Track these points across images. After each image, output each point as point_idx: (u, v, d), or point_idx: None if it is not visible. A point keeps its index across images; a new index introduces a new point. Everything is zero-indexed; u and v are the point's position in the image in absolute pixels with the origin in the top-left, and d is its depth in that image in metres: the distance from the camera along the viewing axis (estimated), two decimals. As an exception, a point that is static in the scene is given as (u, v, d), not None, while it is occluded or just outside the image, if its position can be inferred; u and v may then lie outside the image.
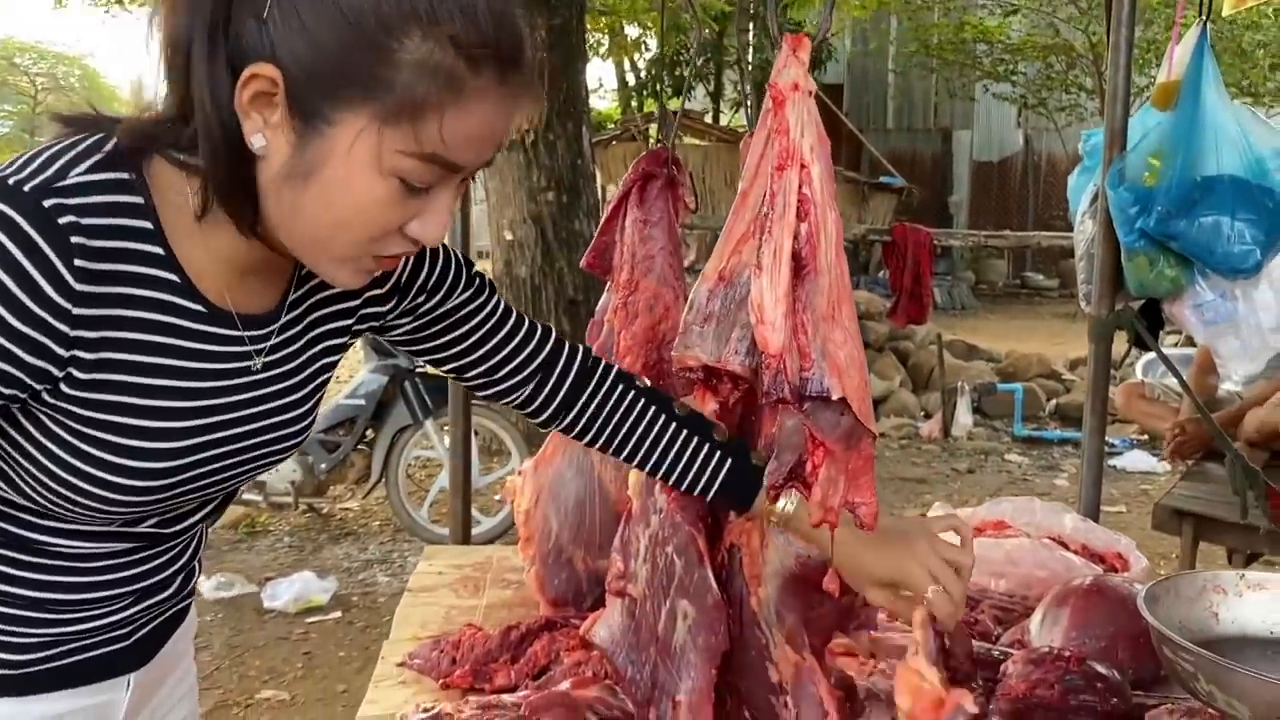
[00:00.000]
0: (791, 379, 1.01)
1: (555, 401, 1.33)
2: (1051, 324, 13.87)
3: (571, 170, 6.15)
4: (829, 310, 1.04)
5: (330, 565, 5.05)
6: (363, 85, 0.87)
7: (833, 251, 1.05)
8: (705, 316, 1.05)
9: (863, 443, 1.09)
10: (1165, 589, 1.19)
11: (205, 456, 1.04)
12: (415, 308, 1.23)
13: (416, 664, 1.79)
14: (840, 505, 1.11)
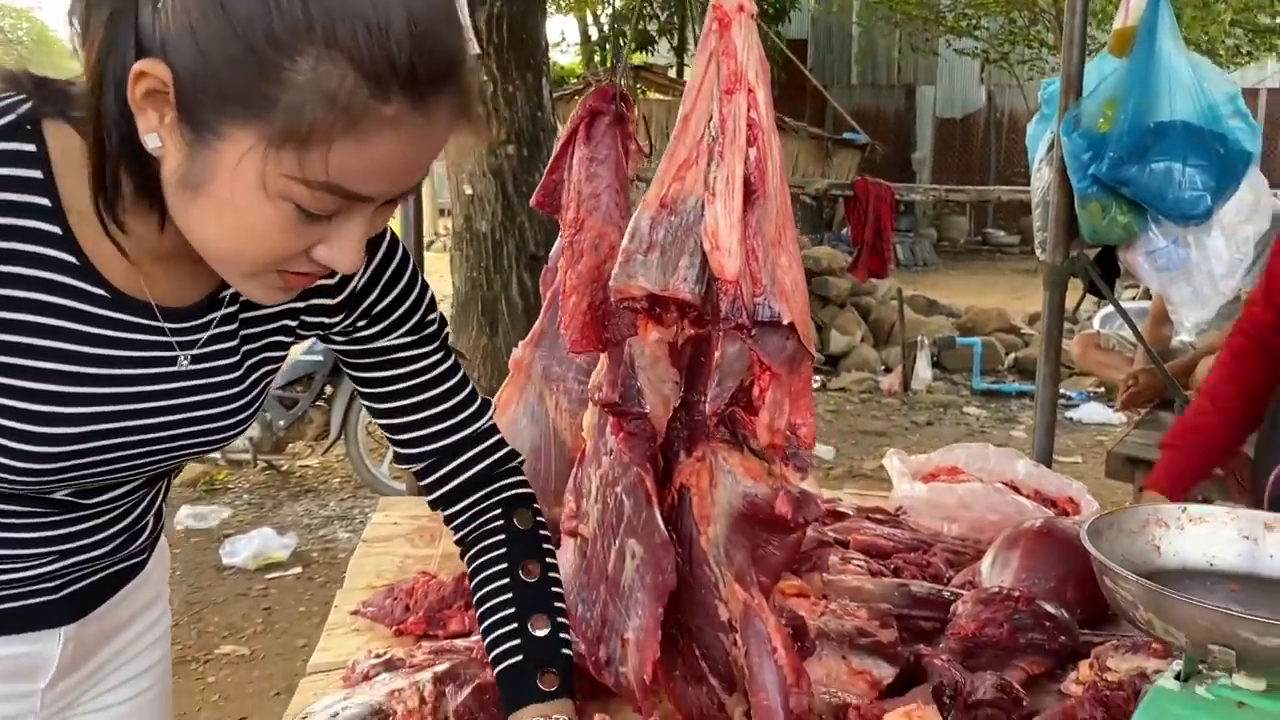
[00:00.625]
0: (747, 305, 1.01)
1: (440, 490, 1.25)
2: (1012, 279, 13.98)
3: (532, 123, 6.07)
4: (776, 235, 1.03)
5: (290, 522, 5.02)
6: (248, 103, 0.79)
7: (778, 176, 1.04)
8: (649, 245, 1.03)
9: (804, 365, 1.10)
10: (1108, 523, 1.20)
11: (113, 444, 1.00)
12: (352, 329, 1.15)
13: (370, 612, 1.78)
14: (785, 427, 1.11)
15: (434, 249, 14.24)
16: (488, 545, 1.24)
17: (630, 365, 1.42)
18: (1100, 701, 1.38)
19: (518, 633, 1.20)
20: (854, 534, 2.08)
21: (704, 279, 1.02)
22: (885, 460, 2.43)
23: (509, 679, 1.19)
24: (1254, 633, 0.96)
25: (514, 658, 1.19)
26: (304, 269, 0.91)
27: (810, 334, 1.09)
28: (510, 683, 1.19)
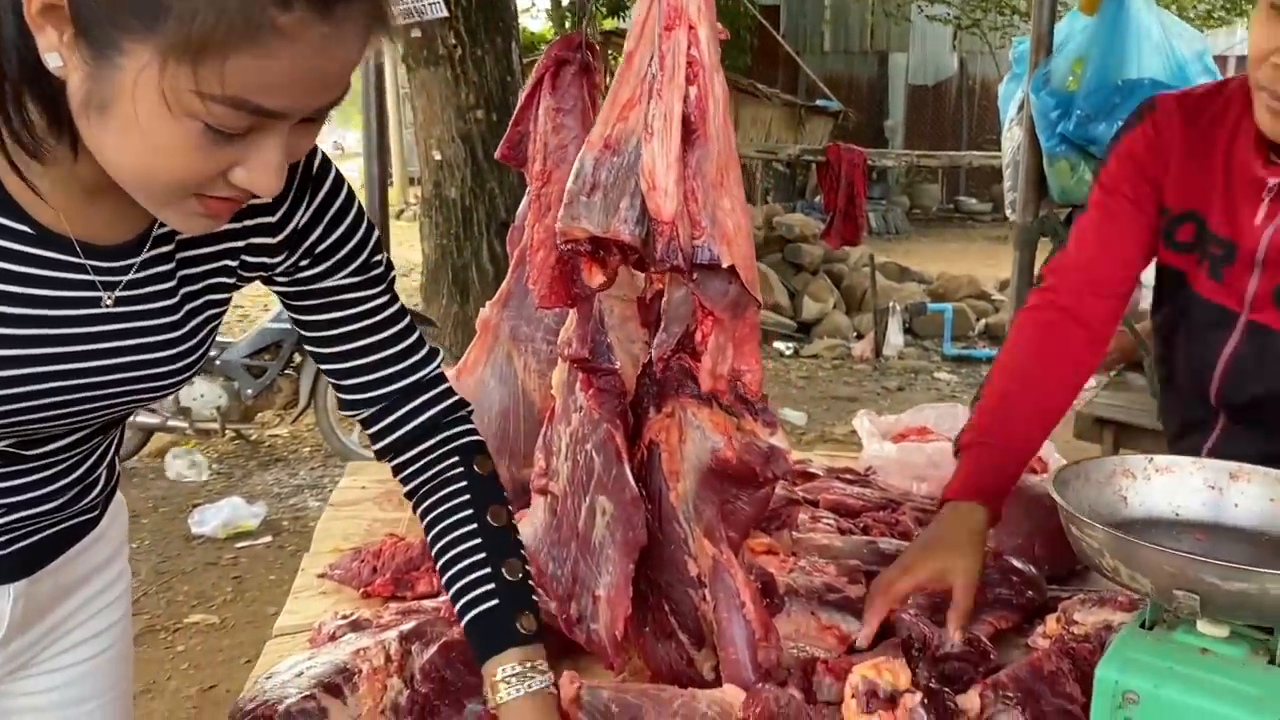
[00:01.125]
0: (684, 246, 0.99)
1: (390, 438, 1.20)
2: (983, 246, 14.05)
3: (501, 88, 6.00)
4: (718, 177, 1.01)
5: (260, 491, 4.99)
6: (140, 13, 0.75)
7: (720, 116, 1.02)
8: (592, 186, 1.01)
9: (748, 311, 1.08)
10: (1075, 473, 1.20)
11: (43, 388, 0.96)
12: (295, 269, 1.10)
13: (337, 574, 1.77)
14: (728, 373, 1.10)
15: (405, 218, 14.13)
16: (449, 493, 1.20)
17: (600, 321, 1.40)
18: (1067, 653, 1.39)
19: (491, 577, 1.16)
20: (823, 493, 2.08)
21: (645, 220, 0.99)
22: (855, 421, 2.43)
23: (484, 624, 1.15)
24: (1218, 578, 0.96)
25: (488, 602, 1.15)
26: (223, 193, 0.86)
27: (754, 278, 1.07)
28: (486, 628, 1.15)
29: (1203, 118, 1.46)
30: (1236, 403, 1.48)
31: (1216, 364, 1.48)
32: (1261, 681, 0.99)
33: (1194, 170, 1.46)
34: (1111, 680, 1.03)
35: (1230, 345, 1.46)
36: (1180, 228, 1.49)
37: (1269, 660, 1.02)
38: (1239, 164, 1.41)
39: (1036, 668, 1.37)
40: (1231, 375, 1.47)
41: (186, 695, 3.30)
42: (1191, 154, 1.46)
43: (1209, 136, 1.45)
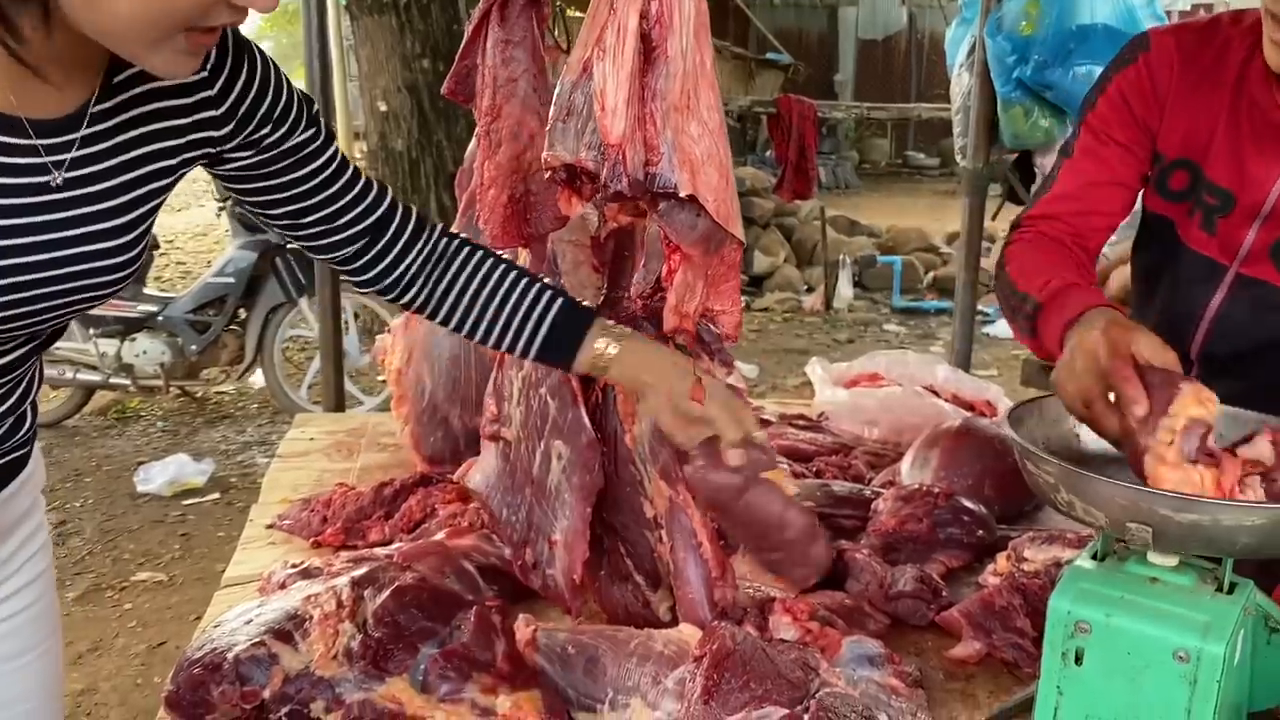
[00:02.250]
0: (632, 172, 0.95)
1: (385, 260, 1.24)
2: (931, 200, 14.13)
3: (448, 36, 5.88)
4: (683, 100, 0.97)
5: (207, 448, 4.91)
6: None
7: (689, 35, 0.97)
8: (567, 111, 0.97)
9: (725, 248, 1.05)
10: (1030, 410, 1.20)
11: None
12: (258, 140, 1.11)
13: (286, 524, 1.74)
14: (697, 312, 1.07)
15: (350, 172, 13.85)
16: (463, 257, 1.24)
17: (554, 261, 1.38)
18: (1018, 590, 1.40)
19: (546, 286, 1.23)
20: (777, 439, 2.09)
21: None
22: (807, 368, 2.43)
23: (567, 317, 1.22)
24: (1170, 509, 0.97)
25: (560, 300, 1.22)
26: (221, 20, 0.89)
27: (731, 213, 1.03)
28: (569, 319, 1.22)
29: (1205, 54, 1.37)
30: (1217, 356, 1.43)
31: (1199, 318, 1.43)
32: (1209, 608, 1.00)
33: (1193, 115, 1.37)
34: (1064, 610, 1.04)
35: (1216, 299, 1.41)
36: (1173, 175, 1.41)
37: (1217, 588, 1.03)
38: (1250, 106, 1.33)
39: (988, 603, 1.39)
40: (1216, 329, 1.42)
41: (135, 653, 3.26)
42: (1191, 95, 1.38)
43: (1213, 75, 1.36)
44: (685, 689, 1.15)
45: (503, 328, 1.24)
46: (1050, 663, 1.06)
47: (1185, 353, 1.44)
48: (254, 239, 5.08)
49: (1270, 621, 1.09)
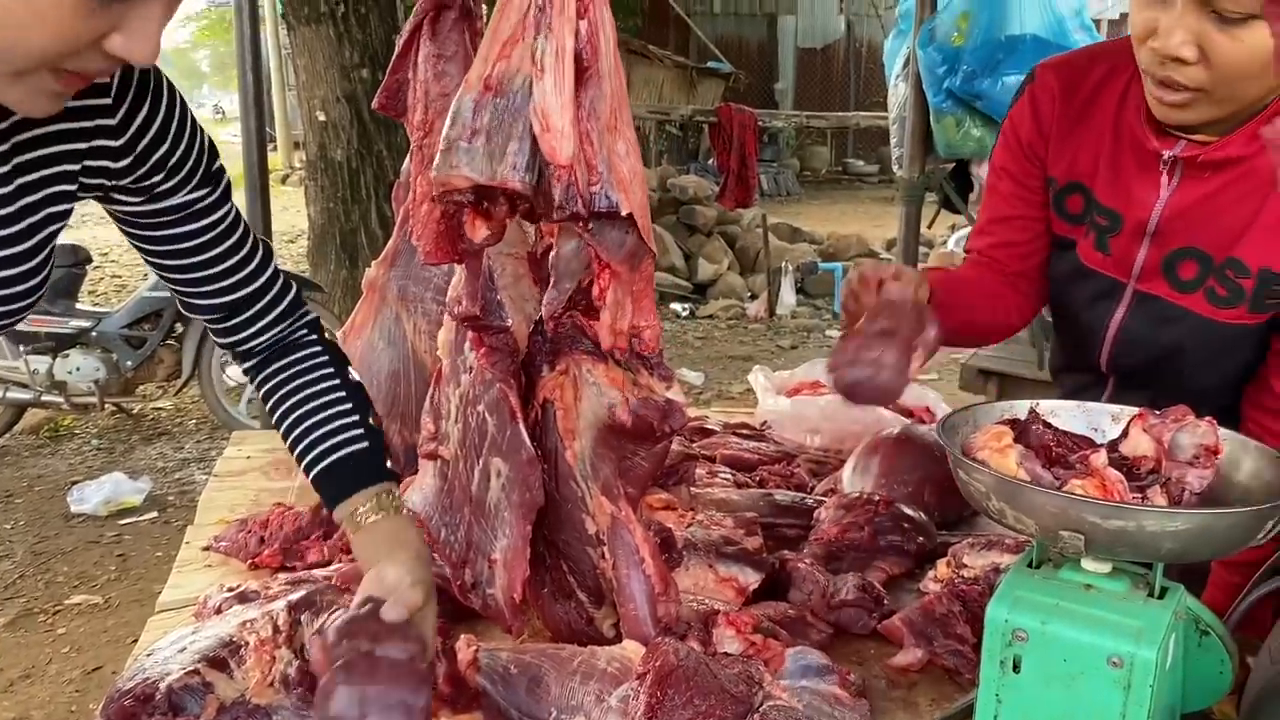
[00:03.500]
0: (583, 193, 0.95)
1: (242, 334, 1.24)
2: (870, 207, 14.30)
3: (387, 45, 5.82)
4: (611, 119, 0.97)
5: (144, 466, 4.81)
6: None
7: (612, 55, 0.97)
8: (473, 131, 0.95)
9: (644, 263, 1.05)
10: (963, 418, 1.21)
11: None
12: (150, 186, 1.08)
13: (223, 546, 1.71)
14: (628, 329, 1.07)
15: (290, 182, 13.71)
16: (306, 354, 1.25)
17: (490, 277, 1.37)
18: (957, 596, 1.42)
19: (360, 424, 1.22)
20: (720, 448, 2.09)
21: (535, 166, 0.94)
22: (750, 377, 2.45)
23: (354, 462, 1.20)
24: (1099, 516, 0.99)
25: (359, 444, 1.21)
26: (92, 66, 0.83)
27: (650, 228, 1.03)
28: (356, 465, 1.21)
29: (1084, 86, 1.44)
30: (1125, 368, 1.49)
31: (1105, 332, 1.48)
32: (1142, 614, 1.02)
33: (1078, 141, 1.43)
34: (1002, 619, 1.05)
35: (1118, 314, 1.46)
36: (1069, 198, 1.47)
37: (1148, 593, 1.05)
38: (1128, 134, 1.39)
39: (929, 611, 1.40)
40: (1120, 343, 1.48)
41: (69, 679, 3.18)
42: (1074, 124, 1.44)
43: (1094, 104, 1.43)
44: (629, 707, 1.15)
45: (296, 439, 1.23)
46: (989, 671, 1.08)
47: (1096, 364, 1.50)
48: (190, 252, 4.99)
49: (1200, 624, 1.12)
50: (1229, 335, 1.37)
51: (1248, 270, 1.32)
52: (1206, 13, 1.16)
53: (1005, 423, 1.13)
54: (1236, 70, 1.18)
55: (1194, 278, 1.37)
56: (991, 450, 1.05)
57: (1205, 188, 1.32)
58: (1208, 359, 1.41)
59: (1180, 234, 1.36)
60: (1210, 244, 1.34)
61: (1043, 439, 1.08)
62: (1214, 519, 1.01)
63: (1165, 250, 1.38)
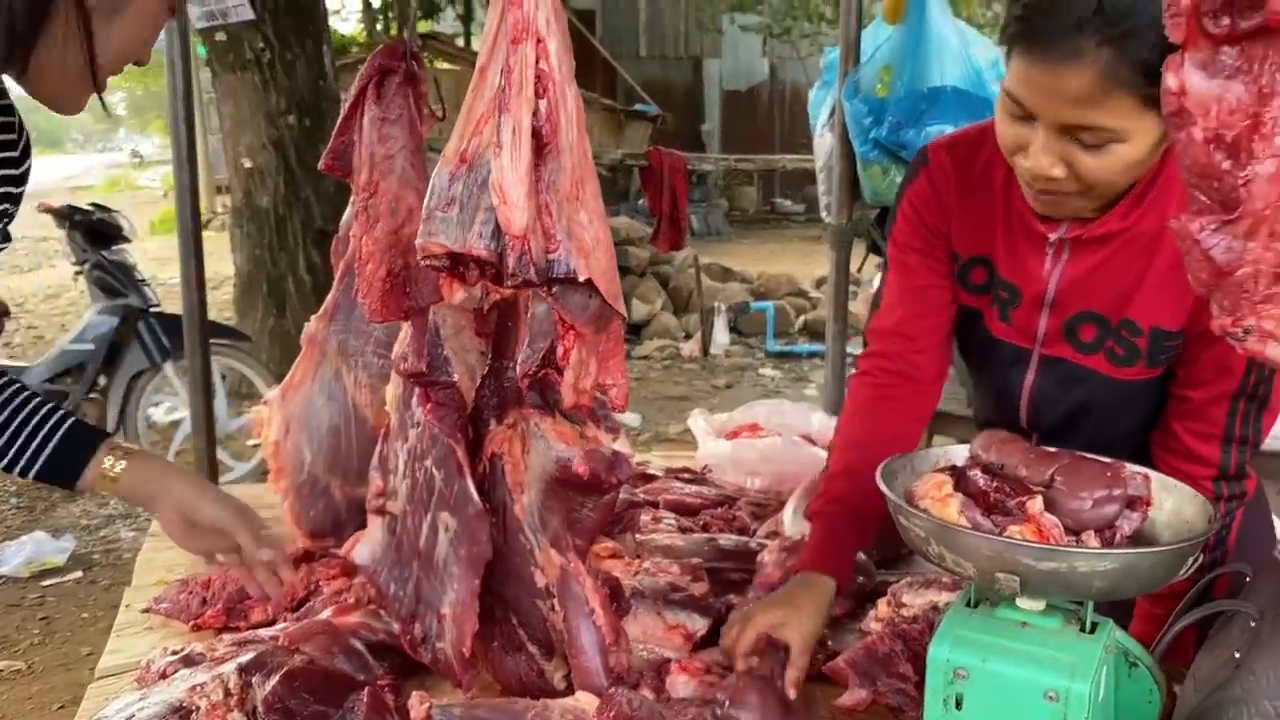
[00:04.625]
0: (537, 261, 0.98)
1: None
2: (799, 246, 14.52)
3: (314, 93, 5.82)
4: (573, 190, 1.02)
5: (67, 524, 4.67)
6: None
7: (574, 130, 1.02)
8: (448, 201, 1.00)
9: (612, 324, 1.09)
10: (901, 464, 1.26)
11: None
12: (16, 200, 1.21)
13: (163, 608, 1.68)
14: (593, 387, 1.10)
15: (213, 227, 13.50)
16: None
17: (436, 333, 1.39)
18: (899, 635, 1.46)
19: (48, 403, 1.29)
20: (663, 494, 2.12)
21: (500, 235, 0.99)
22: (690, 421, 2.48)
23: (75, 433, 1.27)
24: (1033, 559, 1.03)
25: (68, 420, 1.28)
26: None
27: (617, 292, 1.08)
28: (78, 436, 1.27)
29: (975, 164, 1.49)
30: (1043, 424, 1.55)
31: (1019, 395, 1.54)
32: (1075, 649, 1.07)
33: (975, 218, 1.48)
34: (943, 658, 1.09)
35: (1029, 378, 1.52)
36: (973, 271, 1.52)
37: (1080, 628, 1.10)
38: (1017, 215, 1.44)
39: (871, 651, 1.44)
40: (1034, 403, 1.53)
41: (-8, 749, 3.07)
42: (970, 202, 1.48)
43: (985, 183, 1.48)
44: (583, 758, 1.16)
45: (6, 444, 1.24)
46: (932, 708, 1.11)
47: (1016, 422, 1.57)
48: (114, 303, 4.90)
49: (1129, 656, 1.17)
50: (1133, 389, 1.44)
51: (1140, 330, 1.39)
52: (1069, 139, 1.22)
53: (944, 469, 1.18)
54: (1107, 180, 1.26)
55: (1094, 340, 1.43)
56: (933, 499, 1.09)
57: (1094, 258, 1.39)
58: (1116, 411, 1.48)
59: (1077, 301, 1.42)
60: (1105, 308, 1.40)
61: (980, 486, 1.12)
62: (1139, 558, 1.06)
63: (1065, 317, 1.44)
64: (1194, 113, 0.44)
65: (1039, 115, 1.22)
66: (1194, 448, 1.40)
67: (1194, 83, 0.44)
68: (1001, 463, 1.14)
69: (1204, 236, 0.44)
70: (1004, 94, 1.27)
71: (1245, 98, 0.43)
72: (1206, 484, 1.38)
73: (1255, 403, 1.37)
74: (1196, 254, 0.45)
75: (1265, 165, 0.43)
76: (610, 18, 19.57)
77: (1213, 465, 1.39)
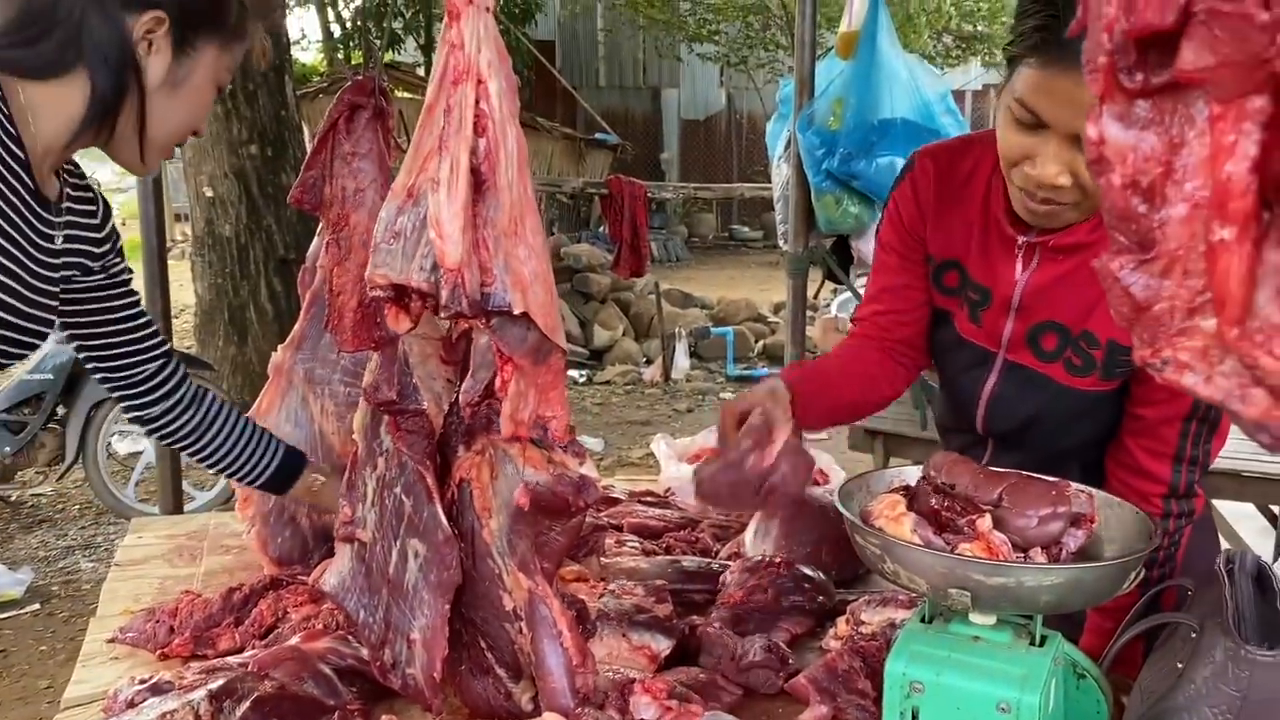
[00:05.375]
0: (471, 294, 1.02)
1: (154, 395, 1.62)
2: (757, 272, 14.66)
3: (276, 122, 5.82)
4: (511, 226, 1.05)
5: (24, 556, 4.61)
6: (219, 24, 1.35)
7: (514, 169, 1.06)
8: (394, 234, 1.04)
9: (552, 358, 1.12)
10: (858, 485, 1.30)
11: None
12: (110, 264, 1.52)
13: (129, 637, 1.68)
14: (530, 419, 1.13)
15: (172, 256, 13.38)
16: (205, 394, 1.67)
17: (405, 362, 1.41)
18: (857, 652, 1.50)
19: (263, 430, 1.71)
20: (627, 517, 2.15)
21: (438, 267, 1.04)
22: (653, 445, 2.51)
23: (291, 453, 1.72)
24: (983, 574, 1.08)
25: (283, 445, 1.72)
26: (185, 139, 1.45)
27: (556, 326, 1.12)
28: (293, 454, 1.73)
29: (957, 173, 1.57)
30: (999, 431, 1.62)
31: (979, 398, 1.60)
32: (1025, 661, 1.11)
33: (952, 222, 1.56)
34: (899, 672, 1.13)
35: (990, 381, 1.58)
36: (946, 274, 1.59)
37: (1030, 642, 1.14)
38: (993, 220, 1.52)
39: (831, 667, 1.47)
40: (993, 408, 1.60)
41: (-53, 786, 3.02)
42: (948, 207, 1.56)
43: (965, 190, 1.56)
44: (552, 777, 1.18)
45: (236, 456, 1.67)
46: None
47: (974, 427, 1.63)
48: (72, 333, 4.85)
49: (1078, 668, 1.22)
50: (1087, 400, 1.50)
51: (1098, 342, 1.45)
52: (1079, 148, 1.27)
53: (898, 489, 1.22)
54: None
55: (1054, 349, 1.49)
56: (887, 518, 1.14)
57: (1060, 268, 1.45)
58: (1070, 422, 1.54)
59: (1041, 309, 1.49)
60: (1067, 318, 1.47)
61: (933, 506, 1.17)
62: (1084, 572, 1.11)
63: (1029, 323, 1.50)
64: (1112, 160, 0.49)
65: (1054, 124, 1.27)
66: (1146, 465, 1.46)
67: (1112, 133, 0.49)
68: (952, 483, 1.19)
69: (1124, 274, 0.49)
70: (1014, 103, 1.31)
71: (1158, 147, 0.47)
72: (1157, 500, 1.45)
73: (1206, 425, 1.43)
74: (1117, 290, 0.49)
75: (1177, 209, 0.47)
76: (570, 48, 19.73)
77: (1163, 483, 1.45)
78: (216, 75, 1.37)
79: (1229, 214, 0.41)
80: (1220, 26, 0.39)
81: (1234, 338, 0.42)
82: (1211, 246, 0.41)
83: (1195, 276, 0.44)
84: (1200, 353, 0.44)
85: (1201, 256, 0.43)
